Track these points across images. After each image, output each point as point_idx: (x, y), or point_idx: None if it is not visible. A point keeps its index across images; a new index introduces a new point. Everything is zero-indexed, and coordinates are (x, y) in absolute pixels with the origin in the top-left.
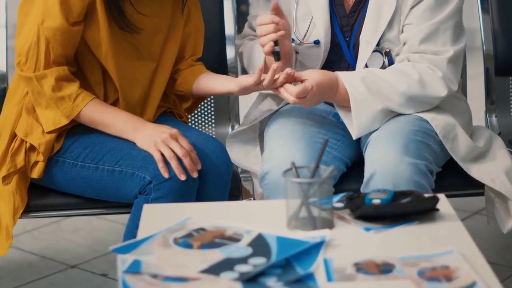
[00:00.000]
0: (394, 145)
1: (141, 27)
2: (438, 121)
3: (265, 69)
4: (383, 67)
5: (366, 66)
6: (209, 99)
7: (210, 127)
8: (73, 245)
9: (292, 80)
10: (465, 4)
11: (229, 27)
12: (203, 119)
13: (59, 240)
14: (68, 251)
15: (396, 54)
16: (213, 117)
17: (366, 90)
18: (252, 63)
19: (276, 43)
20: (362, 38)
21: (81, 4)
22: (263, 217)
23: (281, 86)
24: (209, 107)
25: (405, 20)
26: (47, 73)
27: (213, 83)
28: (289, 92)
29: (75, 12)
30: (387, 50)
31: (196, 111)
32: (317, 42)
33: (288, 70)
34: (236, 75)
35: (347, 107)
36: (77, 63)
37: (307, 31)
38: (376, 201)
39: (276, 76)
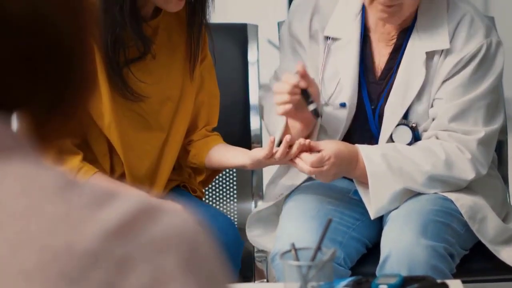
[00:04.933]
0: (411, 225)
1: (146, 95)
2: (463, 201)
3: (286, 131)
4: (411, 142)
5: (391, 139)
6: (230, 172)
7: (231, 202)
8: None
9: (307, 150)
10: (507, 72)
11: (254, 96)
12: (224, 194)
13: None
14: None
15: (424, 129)
16: (235, 191)
17: (386, 167)
18: (271, 121)
19: (308, 99)
20: (387, 108)
21: None
22: None
23: (296, 157)
24: (231, 180)
25: (436, 94)
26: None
27: (225, 155)
28: (304, 161)
29: None
30: (413, 125)
31: (217, 186)
32: (343, 105)
33: (301, 140)
34: (260, 145)
35: (367, 183)
36: (82, 135)
37: (333, 92)
38: (383, 287)
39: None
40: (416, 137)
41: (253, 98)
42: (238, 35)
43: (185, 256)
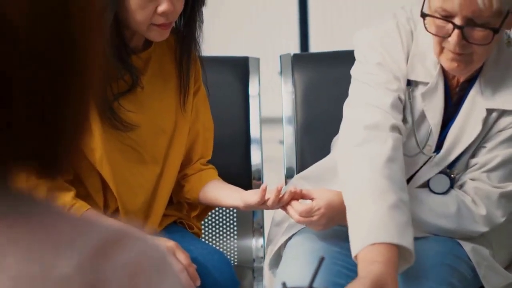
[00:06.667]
0: (416, 267)
1: (137, 124)
2: (472, 245)
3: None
4: (447, 191)
5: (429, 185)
6: (230, 208)
7: (231, 239)
8: None
9: (299, 197)
10: None
11: (255, 129)
12: (223, 231)
13: None
14: None
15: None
16: (235, 228)
17: None
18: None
19: None
20: (431, 159)
21: None
22: None
23: (287, 205)
24: (231, 217)
25: (484, 142)
26: (39, 184)
27: (219, 194)
28: (294, 210)
29: None
30: (452, 175)
31: (217, 222)
32: (437, 153)
33: (292, 188)
34: (260, 180)
35: None
36: (74, 170)
37: (427, 140)
38: None
39: (281, 194)
40: (452, 186)
41: (254, 132)
42: (240, 68)
43: (154, 277)
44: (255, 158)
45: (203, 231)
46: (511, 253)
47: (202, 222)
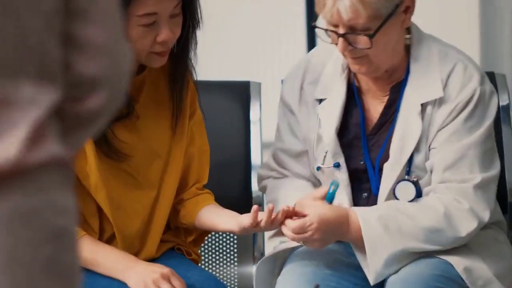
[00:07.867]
0: None
1: (131, 154)
2: (465, 265)
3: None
4: (414, 198)
5: (395, 196)
6: (231, 234)
7: (231, 266)
8: None
9: (292, 215)
10: None
11: (256, 155)
12: (224, 258)
13: None
14: None
15: (425, 183)
16: (235, 255)
17: (383, 230)
18: (278, 199)
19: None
20: (387, 164)
21: None
22: None
23: (282, 224)
24: (231, 243)
25: (431, 144)
26: None
27: (215, 219)
28: (287, 227)
29: None
30: (415, 179)
31: (217, 249)
32: (336, 165)
33: (284, 207)
34: (261, 206)
35: (364, 247)
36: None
37: (325, 153)
38: None
39: (274, 215)
40: (418, 192)
41: (255, 158)
42: (241, 93)
43: None
44: (256, 184)
45: (202, 257)
46: (510, 272)
47: (202, 249)
